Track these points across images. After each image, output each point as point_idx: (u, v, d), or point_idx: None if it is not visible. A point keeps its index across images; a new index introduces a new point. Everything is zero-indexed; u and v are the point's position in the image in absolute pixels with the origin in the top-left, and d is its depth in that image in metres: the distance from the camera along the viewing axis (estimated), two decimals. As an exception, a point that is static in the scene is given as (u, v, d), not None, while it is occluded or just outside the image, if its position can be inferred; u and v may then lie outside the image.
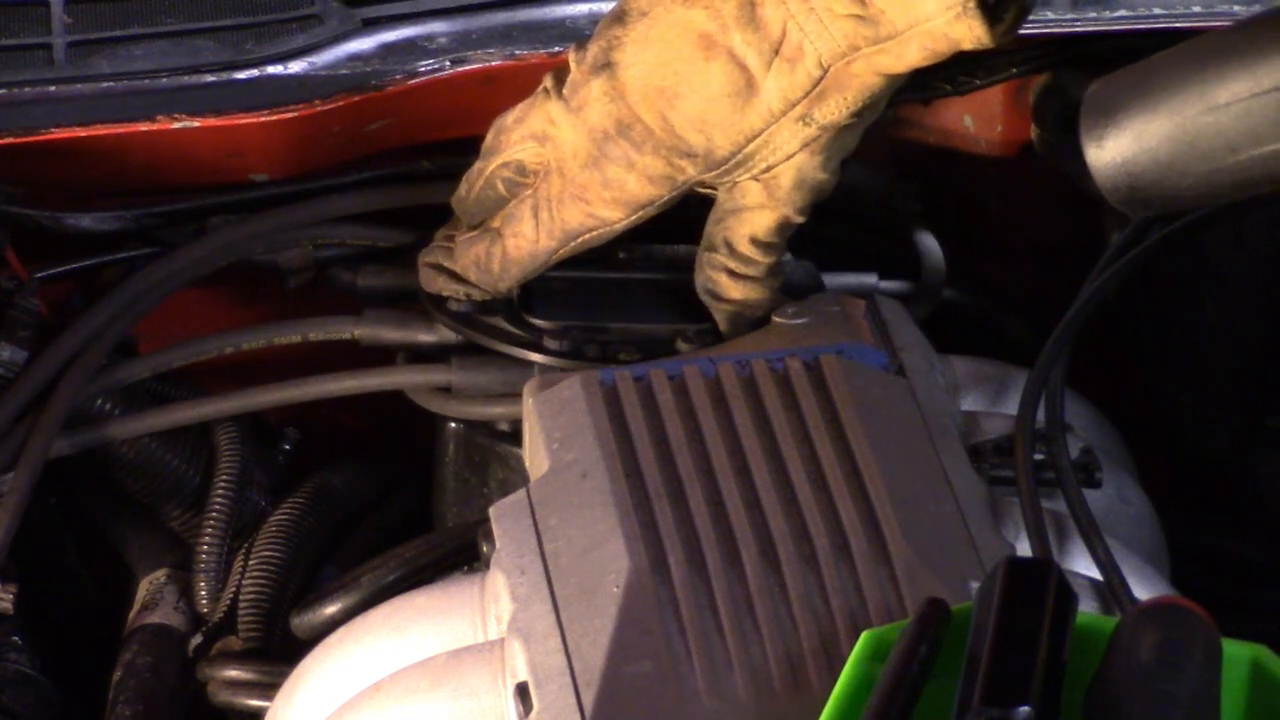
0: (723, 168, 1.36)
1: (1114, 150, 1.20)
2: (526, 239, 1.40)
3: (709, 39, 1.31)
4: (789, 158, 1.35)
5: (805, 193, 1.37)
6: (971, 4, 1.24)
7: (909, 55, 1.28)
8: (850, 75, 1.30)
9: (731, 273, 1.40)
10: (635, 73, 1.33)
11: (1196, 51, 1.19)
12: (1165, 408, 1.69)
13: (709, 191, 1.40)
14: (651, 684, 1.11)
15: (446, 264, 1.46)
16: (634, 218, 1.39)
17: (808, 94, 1.31)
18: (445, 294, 1.46)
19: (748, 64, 1.31)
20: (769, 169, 1.36)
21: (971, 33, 1.25)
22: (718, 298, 1.41)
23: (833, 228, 1.67)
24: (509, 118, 1.40)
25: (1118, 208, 1.23)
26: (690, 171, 1.36)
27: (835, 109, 1.32)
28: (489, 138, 1.41)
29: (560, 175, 1.37)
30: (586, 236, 1.40)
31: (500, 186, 1.40)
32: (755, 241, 1.39)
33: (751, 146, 1.34)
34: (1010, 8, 1.27)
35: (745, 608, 1.15)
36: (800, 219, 1.39)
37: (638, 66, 1.33)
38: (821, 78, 1.30)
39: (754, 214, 1.38)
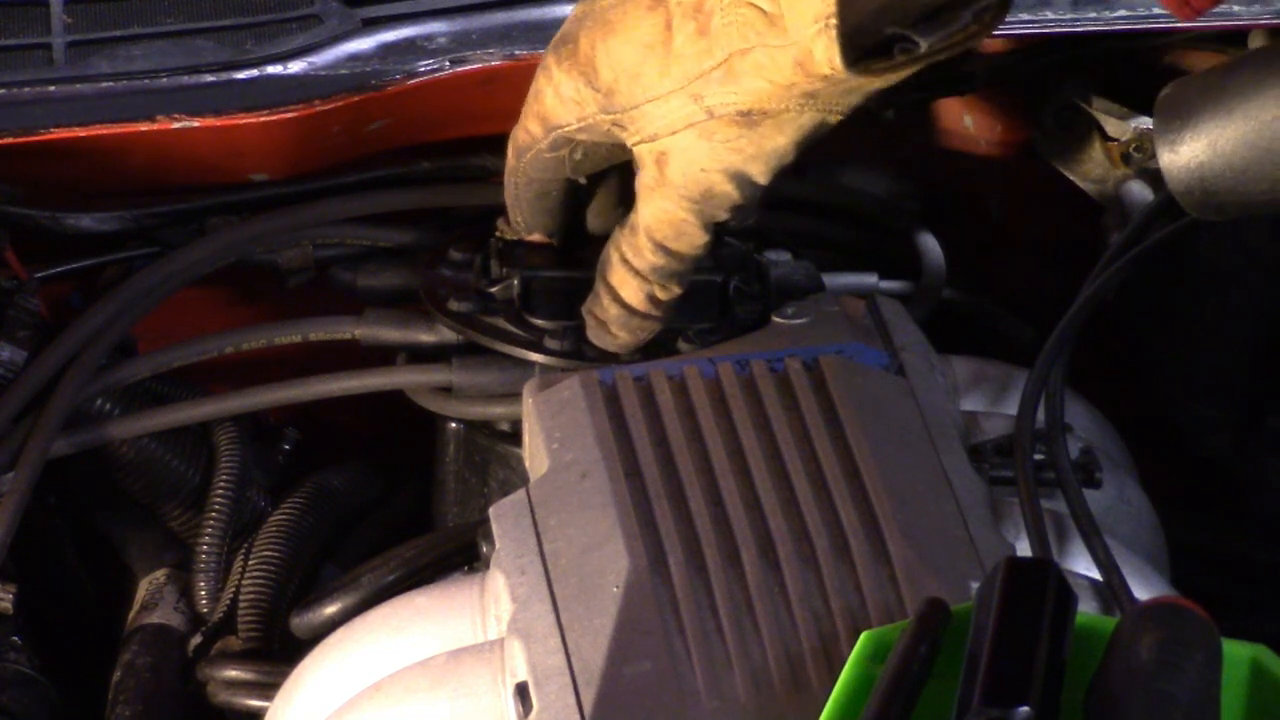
0: (617, 115, 1.32)
1: (1188, 155, 1.18)
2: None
3: None
4: (673, 133, 1.30)
5: (694, 187, 1.31)
6: (833, 21, 1.18)
7: (784, 69, 1.23)
8: (744, 69, 1.25)
9: (625, 261, 1.37)
10: (600, 4, 1.33)
11: (1273, 56, 1.18)
12: (1165, 408, 1.69)
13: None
14: (651, 684, 1.11)
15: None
16: (550, 138, 1.37)
17: (704, 73, 1.26)
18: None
19: (674, 23, 1.27)
20: (655, 138, 1.31)
21: (825, 53, 1.20)
22: (605, 286, 1.38)
23: (833, 228, 1.67)
24: None
25: (1190, 211, 1.21)
26: (592, 107, 1.33)
27: (724, 98, 1.27)
28: None
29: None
30: (529, 156, 1.39)
31: None
32: (651, 237, 1.35)
33: (648, 106, 1.30)
34: (903, 55, 1.22)
35: (745, 608, 1.15)
36: (697, 226, 1.34)
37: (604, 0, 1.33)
38: (723, 60, 1.25)
39: (650, 199, 1.34)
